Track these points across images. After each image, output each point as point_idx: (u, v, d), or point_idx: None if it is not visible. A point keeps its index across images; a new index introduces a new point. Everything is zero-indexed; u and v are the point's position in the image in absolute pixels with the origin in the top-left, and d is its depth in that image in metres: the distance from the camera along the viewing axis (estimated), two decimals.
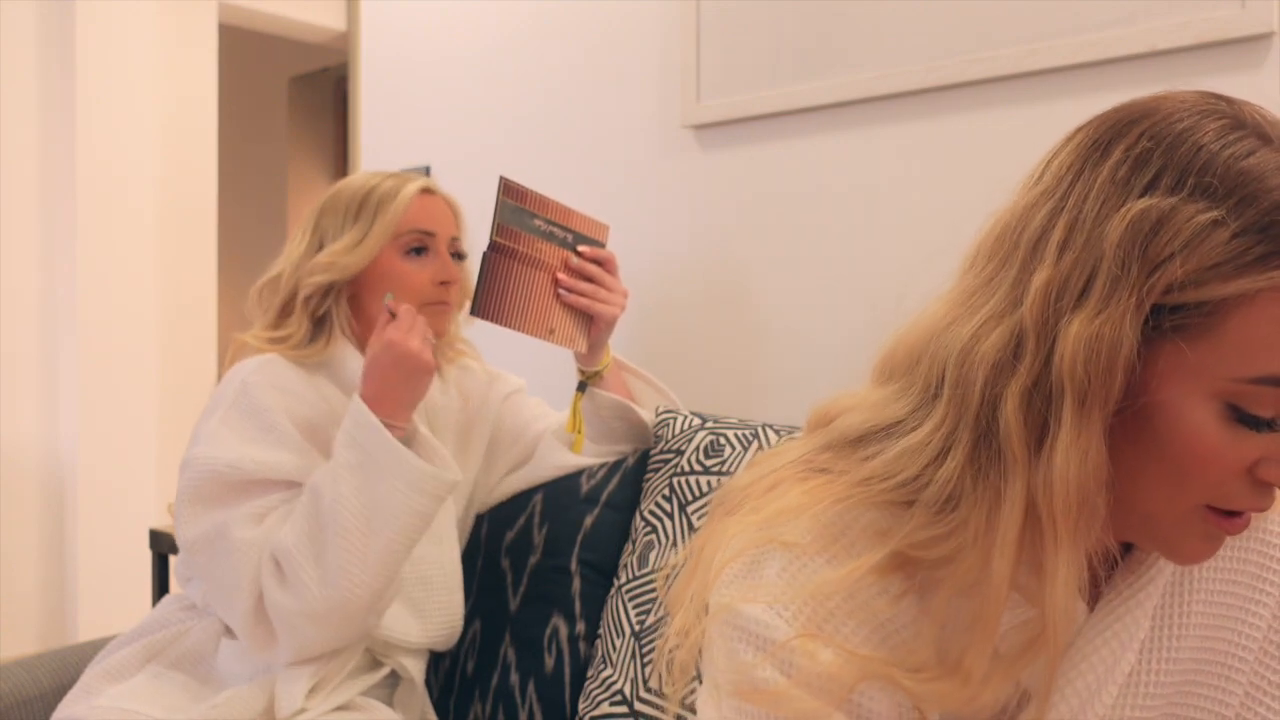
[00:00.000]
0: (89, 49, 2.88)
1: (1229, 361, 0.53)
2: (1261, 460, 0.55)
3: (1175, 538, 0.58)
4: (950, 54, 1.33)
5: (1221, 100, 0.56)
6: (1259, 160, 0.52)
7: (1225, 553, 0.66)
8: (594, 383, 1.33)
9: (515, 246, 1.24)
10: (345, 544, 1.09)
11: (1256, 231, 0.51)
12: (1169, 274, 0.52)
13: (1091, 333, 0.53)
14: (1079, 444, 0.53)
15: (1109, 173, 0.55)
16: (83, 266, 2.88)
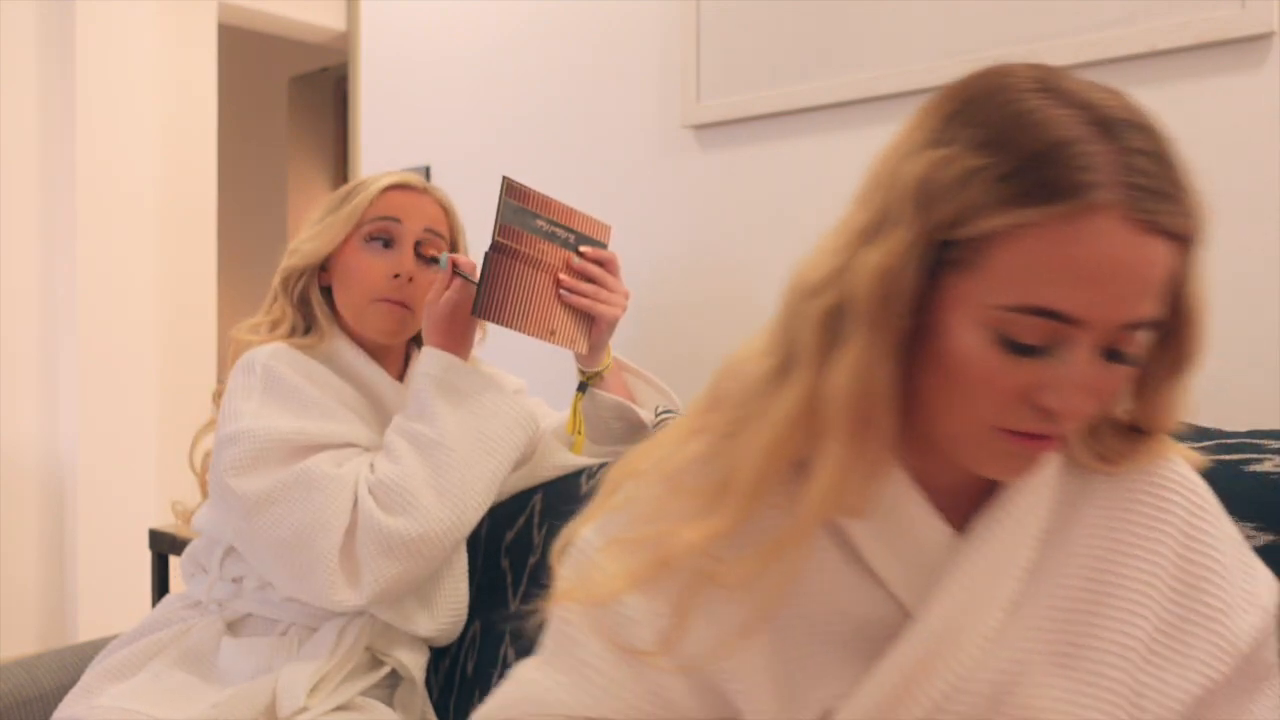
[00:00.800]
0: (89, 49, 2.88)
1: (995, 291, 0.59)
2: (1038, 387, 0.60)
3: (980, 455, 0.64)
4: (950, 54, 1.33)
5: (1044, 70, 0.62)
6: (1033, 115, 0.59)
7: (1115, 488, 0.71)
8: (595, 383, 1.33)
9: (517, 247, 1.24)
10: (461, 470, 1.16)
11: (1014, 175, 0.58)
12: (940, 213, 0.59)
13: (875, 262, 0.61)
14: (859, 359, 0.61)
15: (920, 129, 0.63)
16: (83, 266, 2.88)
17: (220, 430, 1.21)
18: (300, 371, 1.24)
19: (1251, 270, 1.14)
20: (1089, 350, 0.60)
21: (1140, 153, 0.58)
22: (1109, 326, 0.59)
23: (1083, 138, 0.58)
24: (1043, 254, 0.58)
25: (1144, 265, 0.58)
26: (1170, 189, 0.59)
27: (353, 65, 2.22)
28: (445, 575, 1.29)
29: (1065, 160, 0.57)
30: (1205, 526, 0.70)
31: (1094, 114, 0.59)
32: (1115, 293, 0.58)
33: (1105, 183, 0.57)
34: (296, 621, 1.23)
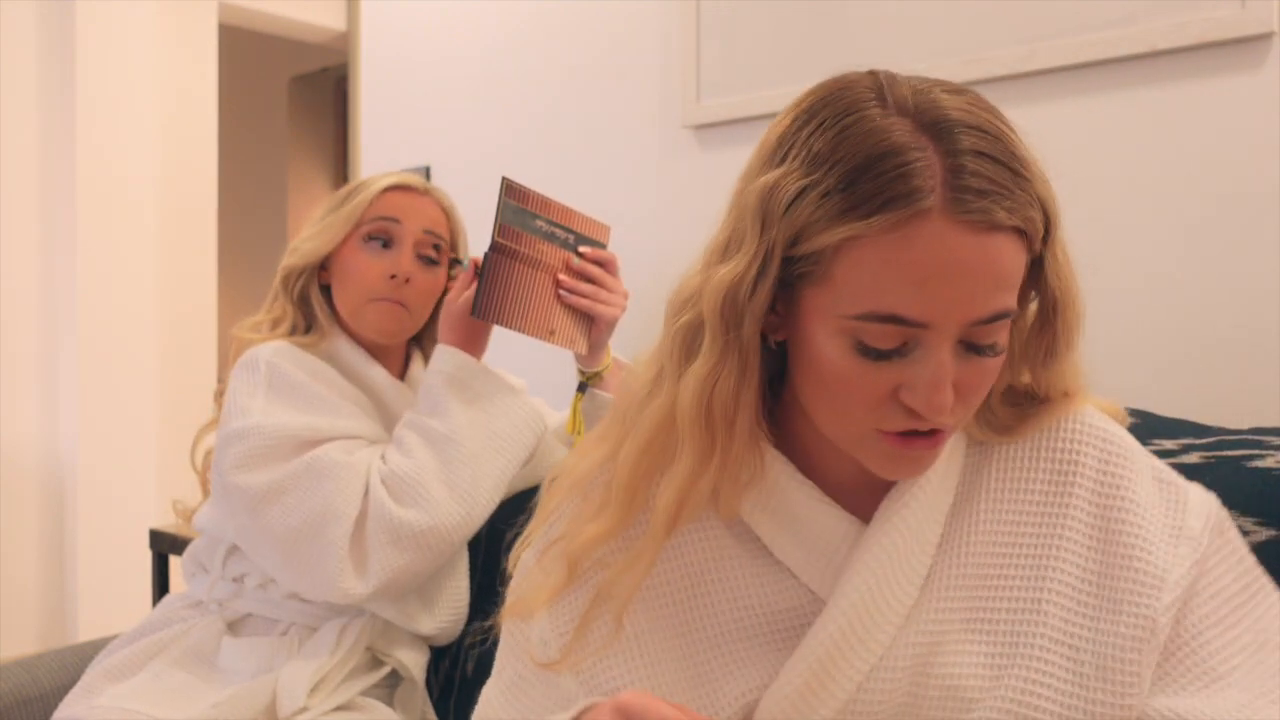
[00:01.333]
0: (89, 49, 2.88)
1: (842, 302, 0.61)
2: (900, 386, 0.62)
3: (865, 456, 0.66)
4: (950, 54, 1.33)
5: (880, 78, 0.64)
6: (859, 127, 0.60)
7: (1017, 453, 0.72)
8: (594, 384, 1.33)
9: (516, 247, 1.24)
10: (472, 466, 1.18)
11: (838, 191, 0.59)
12: (780, 231, 0.62)
13: (722, 276, 0.64)
14: (704, 367, 0.65)
15: (764, 148, 0.66)
16: (83, 267, 2.88)
17: (224, 427, 1.21)
18: (303, 368, 1.24)
19: (1252, 270, 1.14)
20: (945, 348, 0.61)
21: (971, 152, 0.59)
22: (959, 324, 0.60)
23: (907, 145, 0.59)
24: (879, 263, 0.59)
25: (982, 263, 0.59)
26: (1003, 185, 0.59)
27: (353, 65, 2.22)
28: (447, 573, 1.29)
29: (888, 170, 0.58)
30: (1118, 471, 0.70)
31: (923, 118, 0.60)
32: (957, 293, 0.59)
33: (930, 188, 0.58)
34: (297, 621, 1.23)
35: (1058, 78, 1.26)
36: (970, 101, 0.62)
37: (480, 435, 1.20)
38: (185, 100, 3.22)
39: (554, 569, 0.73)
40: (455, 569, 1.30)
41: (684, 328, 0.67)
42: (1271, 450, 0.90)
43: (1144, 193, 1.21)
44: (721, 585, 0.72)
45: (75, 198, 2.87)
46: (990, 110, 0.63)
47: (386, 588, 1.15)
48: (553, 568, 0.73)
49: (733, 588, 0.72)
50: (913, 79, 0.64)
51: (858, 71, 0.66)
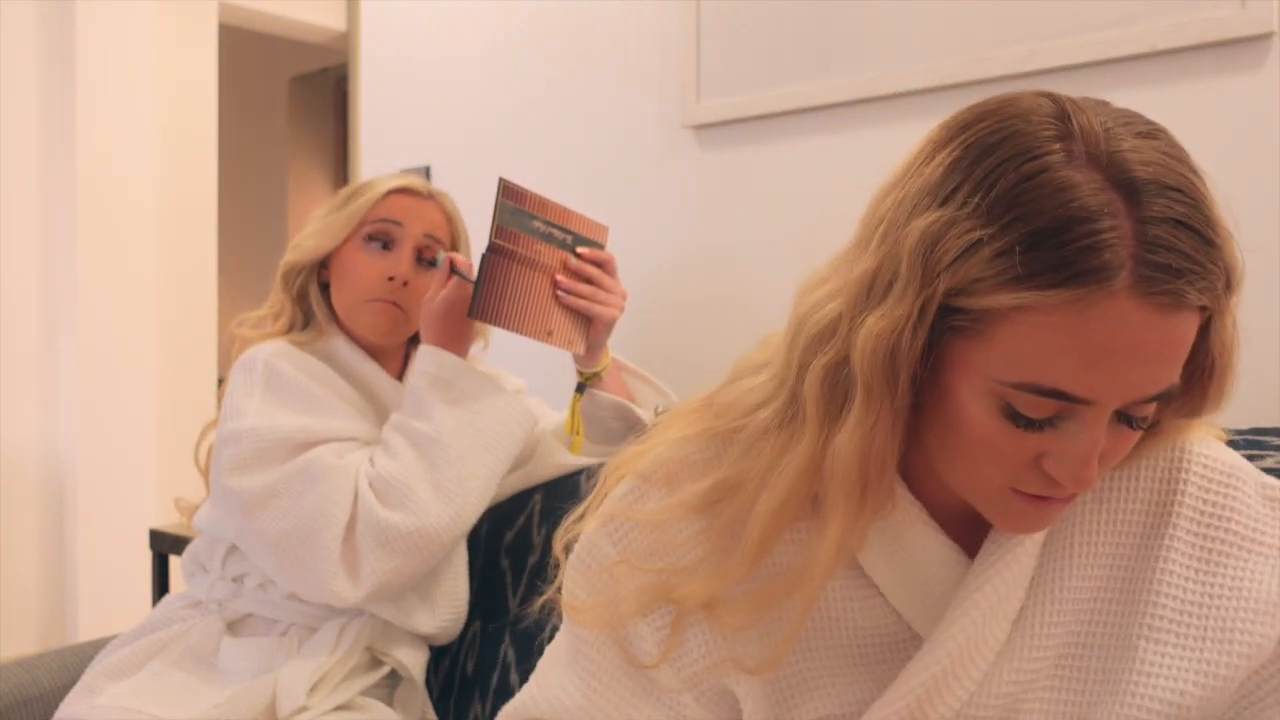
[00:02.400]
0: (89, 49, 2.88)
1: (997, 365, 0.56)
2: (1044, 455, 0.58)
3: (991, 510, 0.63)
4: (950, 54, 1.33)
5: (1063, 109, 0.58)
6: (1044, 180, 0.54)
7: (1114, 482, 0.69)
8: (593, 384, 1.33)
9: (514, 248, 1.24)
10: (458, 466, 1.17)
11: (1020, 253, 0.54)
12: (943, 283, 0.56)
13: (880, 329, 0.58)
14: (862, 426, 0.60)
15: (926, 177, 0.59)
16: (83, 267, 2.88)
17: (220, 428, 1.21)
18: (301, 368, 1.24)
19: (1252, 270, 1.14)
20: (1101, 423, 0.57)
21: (1165, 221, 0.54)
22: (1122, 403, 0.57)
23: (1097, 211, 0.53)
24: (1050, 336, 0.54)
25: (1162, 345, 0.55)
26: (1197, 258, 0.54)
27: (353, 65, 2.21)
28: (445, 572, 1.29)
29: (1076, 239, 0.53)
30: (1222, 496, 0.67)
31: (1116, 174, 0.54)
32: (1130, 374, 0.55)
33: (1121, 264, 0.53)
34: (297, 621, 1.23)
35: (1058, 78, 1.26)
36: (1166, 151, 0.57)
37: (466, 434, 1.19)
38: (185, 100, 3.22)
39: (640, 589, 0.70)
40: (454, 568, 1.30)
41: (828, 371, 0.61)
42: (1271, 450, 0.90)
43: None
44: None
45: (75, 197, 2.87)
46: (1185, 160, 0.58)
47: (378, 590, 1.15)
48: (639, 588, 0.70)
49: (821, 601, 0.70)
50: (1101, 112, 0.58)
51: (1033, 94, 0.60)
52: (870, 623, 0.69)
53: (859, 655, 0.69)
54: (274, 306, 1.32)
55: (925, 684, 0.64)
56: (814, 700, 0.68)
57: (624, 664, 0.72)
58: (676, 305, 1.64)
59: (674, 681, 0.71)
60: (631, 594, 0.70)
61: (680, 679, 0.71)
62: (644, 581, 0.69)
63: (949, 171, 0.58)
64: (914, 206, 0.59)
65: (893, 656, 0.69)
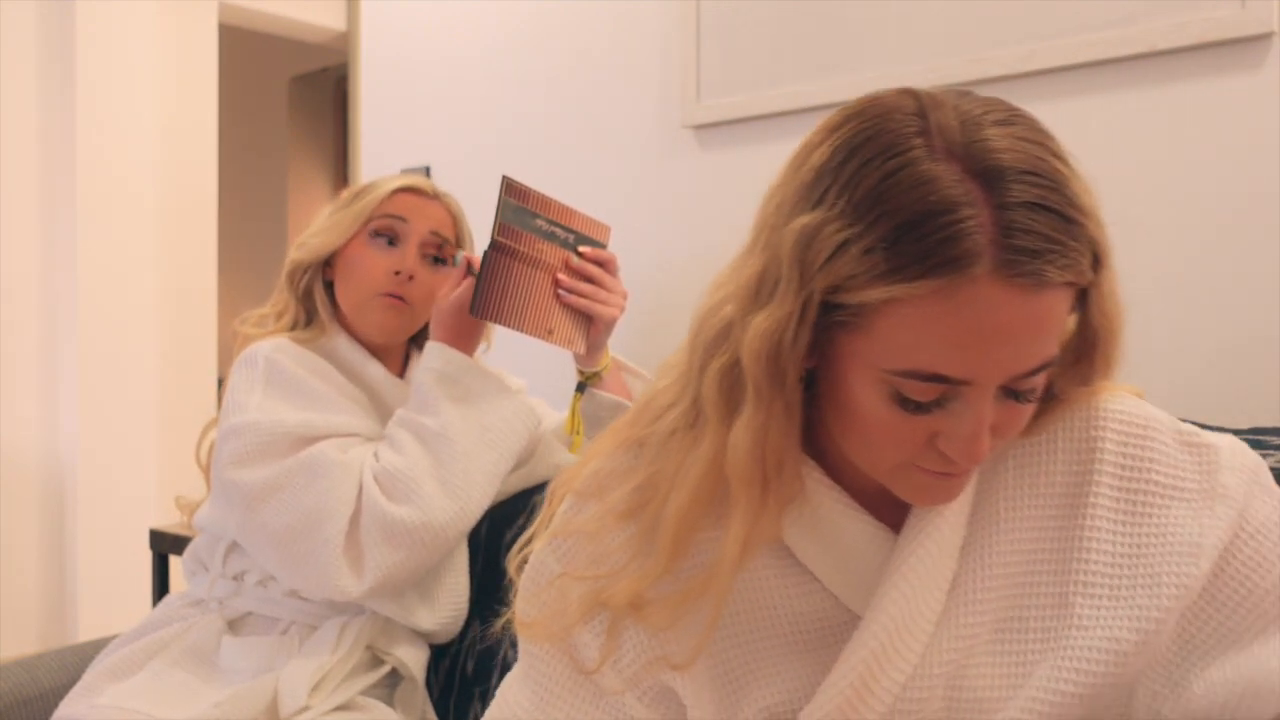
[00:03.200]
0: (89, 49, 2.88)
1: (880, 355, 0.59)
2: (936, 434, 0.61)
3: (900, 487, 0.66)
4: (950, 54, 1.33)
5: (923, 105, 0.60)
6: (905, 174, 0.57)
7: (1031, 447, 0.71)
8: (593, 384, 1.33)
9: (516, 246, 1.24)
10: (464, 462, 1.18)
11: (882, 249, 0.56)
12: (819, 282, 0.59)
13: (764, 329, 0.61)
14: (754, 423, 0.62)
15: (800, 180, 0.62)
16: (83, 267, 2.87)
17: (222, 423, 1.22)
18: (302, 364, 1.25)
19: (1252, 270, 1.14)
20: (985, 400, 0.60)
21: (1024, 206, 0.56)
22: (1001, 380, 0.59)
23: (956, 202, 0.55)
24: (922, 324, 0.57)
25: (1031, 322, 0.57)
26: (1057, 238, 0.56)
27: (353, 65, 2.21)
28: (446, 569, 1.29)
29: (936, 230, 0.55)
30: (1140, 449, 0.69)
31: (974, 164, 0.56)
32: (1003, 353, 0.58)
33: (981, 251, 0.55)
34: (297, 620, 1.23)
35: (1058, 78, 1.26)
36: (1023, 136, 0.58)
37: (472, 431, 1.20)
38: (185, 100, 3.22)
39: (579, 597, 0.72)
40: (455, 565, 1.30)
41: (723, 372, 0.64)
42: (1271, 450, 0.90)
43: (1144, 193, 1.21)
44: (746, 587, 0.72)
45: (75, 197, 2.87)
46: (1044, 143, 0.59)
47: (382, 585, 1.15)
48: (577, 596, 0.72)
49: (757, 591, 0.71)
50: (960, 103, 0.60)
51: (896, 93, 0.62)
52: (809, 609, 0.71)
53: (802, 642, 0.70)
54: (277, 305, 1.32)
55: (866, 660, 0.66)
56: (760, 691, 0.70)
57: (572, 674, 0.75)
58: (676, 305, 1.64)
59: (616, 683, 0.73)
60: (574, 604, 0.72)
61: (622, 680, 0.73)
62: (583, 590, 0.71)
63: (819, 174, 0.60)
64: (791, 209, 0.61)
65: (835, 640, 0.70)
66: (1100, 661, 0.64)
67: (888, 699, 0.66)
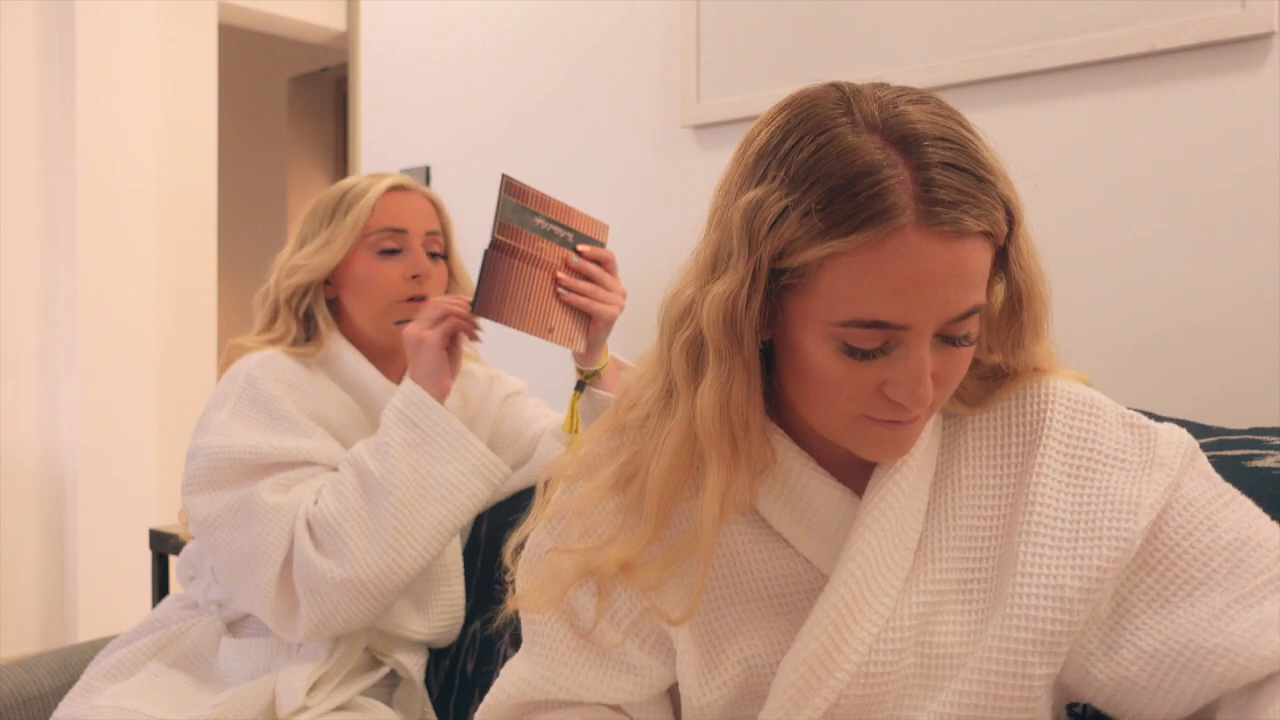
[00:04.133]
0: (89, 49, 2.88)
1: (825, 310, 0.66)
2: (884, 383, 0.67)
3: (853, 442, 0.72)
4: (950, 54, 1.33)
5: (846, 93, 0.68)
6: (832, 147, 0.65)
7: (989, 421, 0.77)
8: (592, 382, 1.33)
9: (516, 244, 1.24)
10: (399, 516, 1.13)
11: (818, 212, 0.64)
12: (765, 248, 0.66)
13: (719, 295, 0.68)
14: (716, 383, 0.69)
15: (744, 165, 0.70)
16: (83, 267, 2.88)
17: (191, 440, 1.22)
18: (285, 380, 1.23)
19: (1252, 270, 1.14)
20: (923, 345, 0.66)
21: (939, 165, 0.63)
22: (935, 324, 0.66)
23: (879, 163, 0.63)
24: (859, 275, 0.64)
25: (955, 268, 0.64)
26: (970, 192, 0.64)
27: (353, 65, 2.22)
28: (441, 578, 1.29)
29: (863, 189, 0.63)
30: (1086, 423, 0.75)
31: (892, 133, 0.64)
32: (933, 298, 0.64)
33: (905, 204, 0.63)
34: None
35: (1058, 78, 1.26)
36: (934, 110, 0.66)
37: (419, 483, 1.15)
38: (185, 100, 3.22)
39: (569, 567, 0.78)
40: (449, 574, 1.30)
41: (687, 344, 0.71)
42: (1271, 450, 0.90)
43: (1144, 193, 1.21)
44: (725, 552, 0.78)
45: (75, 198, 2.87)
46: (953, 116, 0.67)
47: (318, 631, 1.14)
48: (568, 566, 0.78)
49: (735, 555, 0.78)
50: (878, 90, 0.68)
51: (821, 85, 0.70)
52: (783, 571, 0.77)
53: (778, 603, 0.76)
54: (276, 330, 1.29)
55: (837, 610, 0.71)
56: (740, 645, 0.76)
57: (571, 636, 0.80)
58: None
59: (614, 635, 0.79)
60: (567, 571, 0.78)
61: (619, 631, 0.79)
62: (575, 560, 0.78)
63: (759, 157, 0.68)
64: (737, 190, 0.69)
65: (809, 601, 0.76)
66: (1047, 608, 0.69)
67: (861, 649, 0.71)
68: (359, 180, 1.31)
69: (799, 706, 0.72)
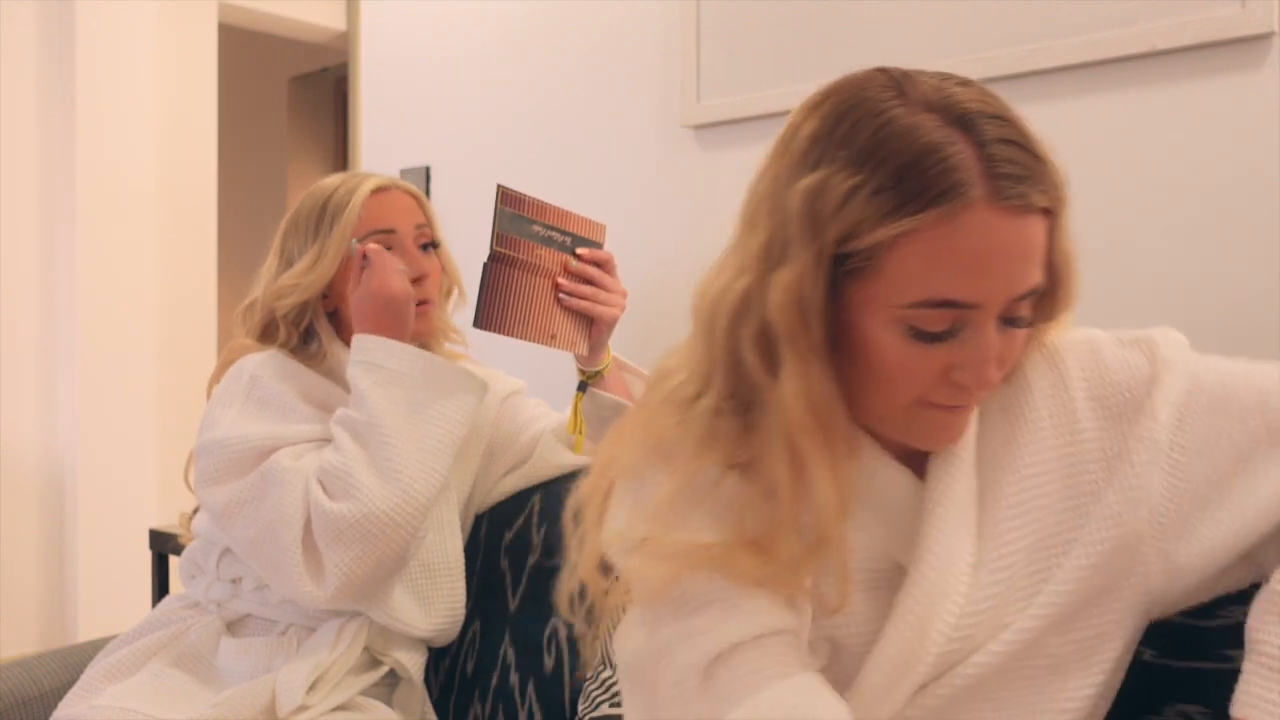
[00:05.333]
0: (89, 49, 2.88)
1: (894, 292, 0.65)
2: (950, 366, 0.67)
3: (909, 430, 0.71)
4: (950, 54, 1.33)
5: (894, 76, 0.68)
6: (894, 126, 0.64)
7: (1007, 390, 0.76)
8: (594, 383, 1.33)
9: (515, 255, 1.24)
10: (398, 446, 1.14)
11: (889, 188, 0.63)
12: (831, 232, 0.65)
13: (785, 283, 0.66)
14: (795, 373, 0.67)
15: (793, 153, 0.69)
16: (83, 267, 2.88)
17: (198, 437, 1.22)
18: (288, 378, 1.24)
19: (1252, 270, 1.14)
20: (990, 325, 0.66)
21: (999, 141, 0.64)
22: (1003, 302, 0.66)
23: (944, 140, 0.63)
24: (931, 253, 0.64)
25: (1023, 243, 0.65)
26: (1032, 169, 0.64)
27: (353, 65, 2.21)
28: (442, 574, 1.29)
29: (932, 165, 0.63)
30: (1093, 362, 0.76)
31: (950, 113, 0.65)
32: (1003, 273, 0.65)
33: (973, 179, 0.63)
34: (295, 622, 1.23)
35: (1058, 78, 1.26)
36: (981, 92, 0.66)
37: (400, 413, 1.16)
38: (185, 100, 3.22)
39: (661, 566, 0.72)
40: (449, 569, 1.30)
41: (756, 339, 0.69)
42: None
43: (1144, 192, 1.21)
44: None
45: (75, 198, 2.87)
46: (998, 98, 0.67)
47: (345, 585, 1.14)
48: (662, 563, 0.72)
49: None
50: (923, 74, 0.68)
51: (866, 70, 0.69)
52: (864, 559, 0.75)
53: (863, 583, 0.75)
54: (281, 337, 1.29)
55: (921, 602, 0.71)
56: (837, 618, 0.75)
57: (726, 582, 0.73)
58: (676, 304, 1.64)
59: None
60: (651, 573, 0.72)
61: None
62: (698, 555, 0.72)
63: (812, 142, 0.67)
64: (789, 178, 0.68)
65: (888, 585, 0.75)
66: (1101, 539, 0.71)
67: (940, 641, 0.71)
68: (336, 187, 1.29)
69: (885, 695, 0.72)
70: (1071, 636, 0.72)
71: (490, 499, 1.42)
